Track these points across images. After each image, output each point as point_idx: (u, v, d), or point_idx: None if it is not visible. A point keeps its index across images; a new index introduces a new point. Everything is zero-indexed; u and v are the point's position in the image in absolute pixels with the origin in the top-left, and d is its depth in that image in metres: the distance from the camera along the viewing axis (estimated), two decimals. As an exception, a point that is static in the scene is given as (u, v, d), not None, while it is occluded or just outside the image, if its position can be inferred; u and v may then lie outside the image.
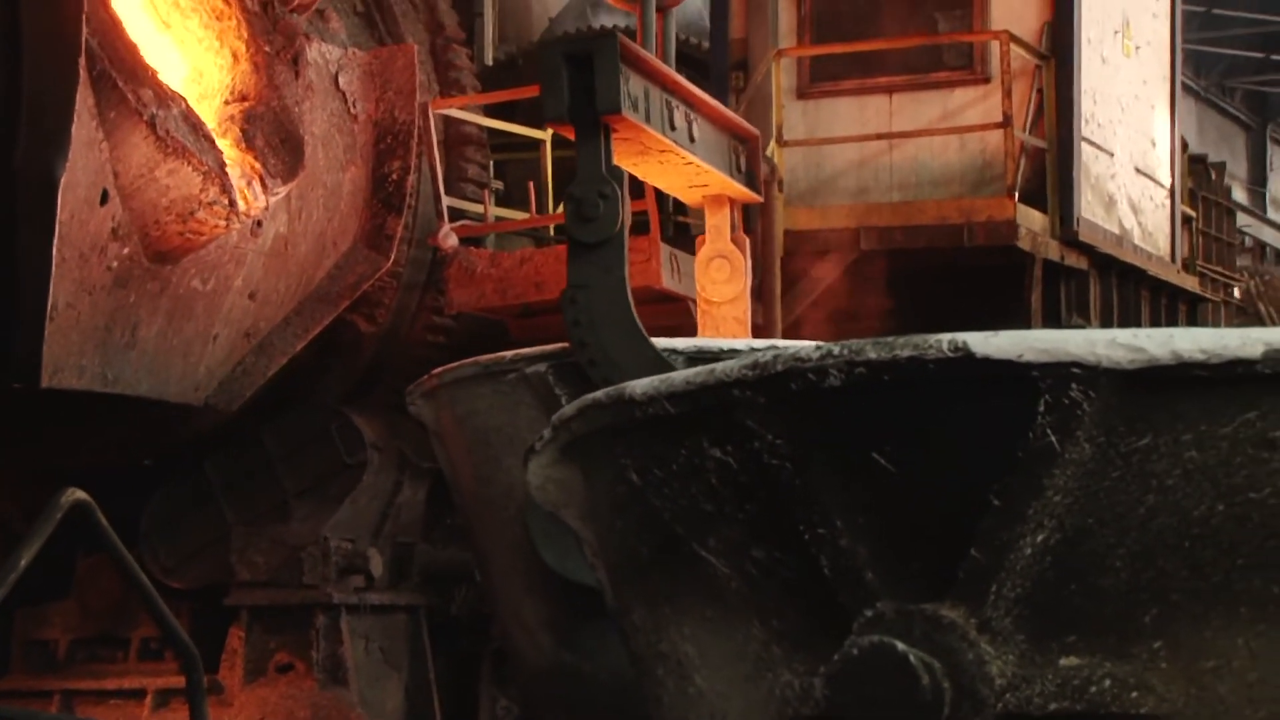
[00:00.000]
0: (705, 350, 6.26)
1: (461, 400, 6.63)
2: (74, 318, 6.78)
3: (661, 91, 6.71)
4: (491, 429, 6.52)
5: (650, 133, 6.54)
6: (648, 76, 6.55)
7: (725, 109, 7.55)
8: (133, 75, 6.89)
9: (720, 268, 7.46)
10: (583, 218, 6.16)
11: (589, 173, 6.17)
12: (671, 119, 6.76)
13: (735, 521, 3.12)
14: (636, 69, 6.45)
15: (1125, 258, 11.45)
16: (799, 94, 10.85)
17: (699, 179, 7.23)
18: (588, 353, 6.18)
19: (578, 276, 6.22)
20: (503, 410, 6.45)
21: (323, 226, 8.27)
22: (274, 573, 8.51)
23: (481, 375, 6.55)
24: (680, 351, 6.21)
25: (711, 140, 7.25)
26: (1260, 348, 2.73)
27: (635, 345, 6.17)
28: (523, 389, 6.34)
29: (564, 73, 6.15)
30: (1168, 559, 2.81)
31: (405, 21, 9.40)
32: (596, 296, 6.17)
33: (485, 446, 6.57)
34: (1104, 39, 11.12)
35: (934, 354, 2.84)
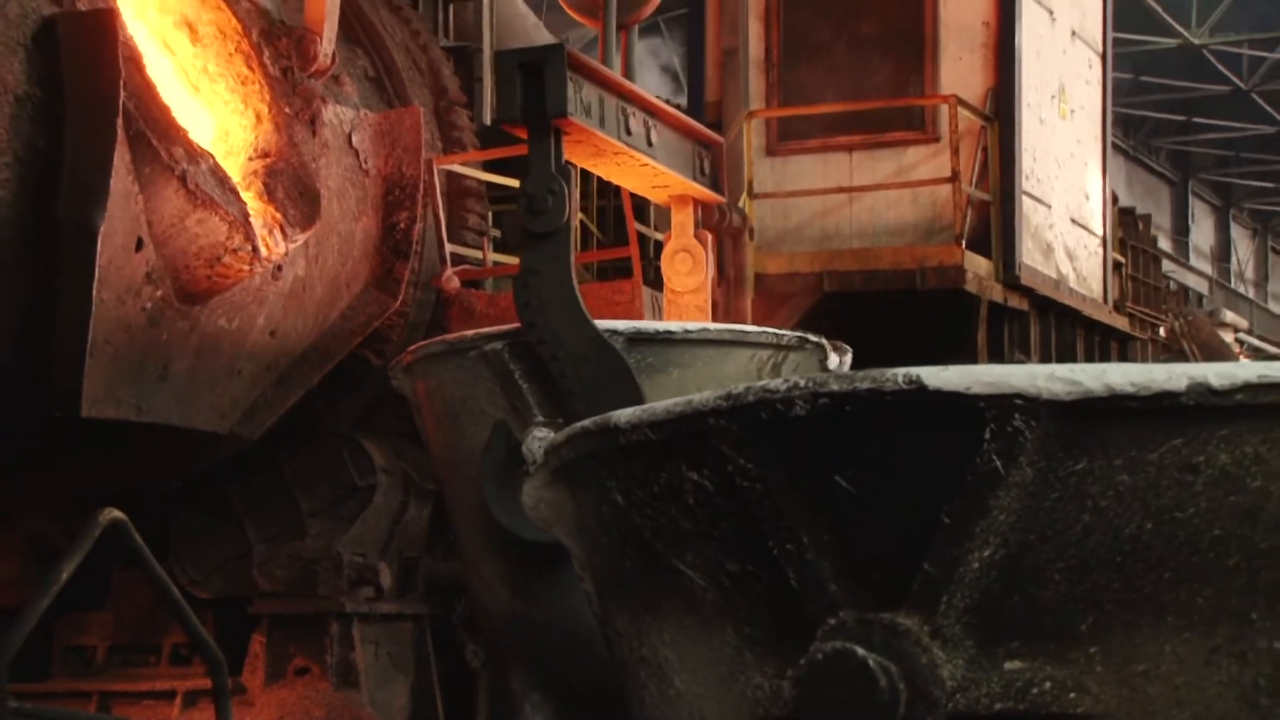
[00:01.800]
0: (642, 331, 6.32)
1: (431, 374, 6.67)
2: (111, 353, 6.76)
3: (617, 99, 6.74)
4: (456, 400, 6.55)
5: (602, 136, 6.58)
6: (601, 85, 6.59)
7: (688, 119, 7.58)
8: (165, 134, 6.89)
9: (684, 260, 7.52)
10: (534, 211, 6.25)
11: (540, 171, 6.24)
12: (627, 125, 6.80)
13: (710, 538, 3.12)
14: (589, 78, 6.50)
15: (1062, 300, 11.47)
16: (768, 151, 10.88)
17: (659, 180, 7.27)
18: (536, 331, 6.24)
19: (529, 263, 6.29)
20: (465, 383, 6.48)
21: (337, 271, 8.26)
22: (292, 585, 8.48)
23: (447, 352, 6.60)
24: (620, 332, 6.26)
25: (672, 145, 7.28)
26: (1185, 381, 2.74)
27: (578, 325, 6.22)
28: (482, 365, 6.39)
29: (518, 79, 6.22)
30: (1102, 572, 2.80)
31: (412, 86, 9.41)
32: (545, 281, 6.23)
33: (451, 416, 6.60)
34: (1042, 103, 11.16)
35: (890, 386, 2.84)
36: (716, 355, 6.43)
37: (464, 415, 6.50)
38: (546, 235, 6.25)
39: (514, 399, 6.30)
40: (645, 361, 6.23)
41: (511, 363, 6.30)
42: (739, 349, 6.50)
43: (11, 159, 6.39)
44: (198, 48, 7.82)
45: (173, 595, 5.97)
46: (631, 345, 6.22)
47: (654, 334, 6.33)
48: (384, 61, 9.33)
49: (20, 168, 6.43)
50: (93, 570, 6.37)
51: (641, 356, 6.23)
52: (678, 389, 6.30)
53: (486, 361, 6.37)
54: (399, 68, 9.37)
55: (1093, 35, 12.19)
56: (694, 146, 7.52)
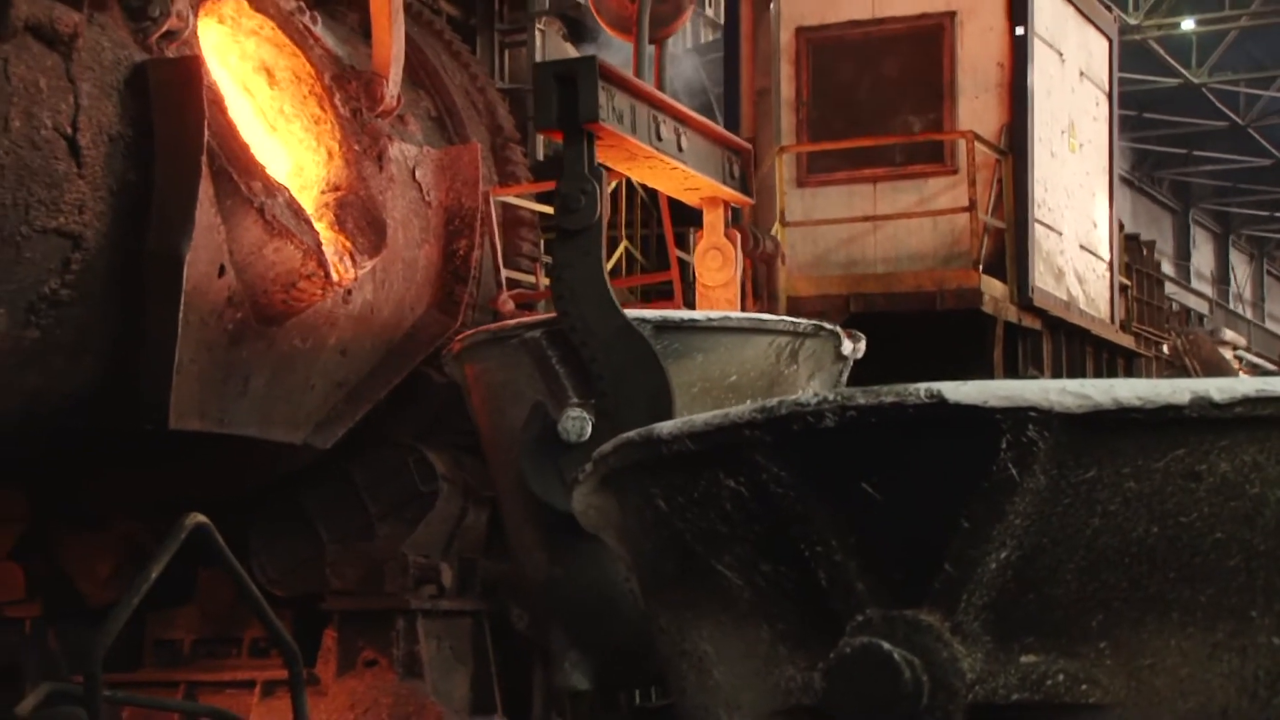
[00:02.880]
0: (669, 319, 6.34)
1: (477, 360, 6.70)
2: (196, 371, 6.79)
3: (648, 107, 6.75)
4: (498, 383, 6.58)
5: (634, 141, 6.59)
6: (633, 94, 6.61)
7: (719, 127, 7.59)
8: (245, 170, 6.93)
9: (715, 257, 7.54)
10: (567, 209, 6.27)
11: (573, 172, 6.26)
12: (658, 131, 6.82)
13: (746, 541, 3.11)
14: (621, 88, 6.51)
15: (1072, 320, 11.42)
16: (798, 183, 10.87)
17: (690, 182, 7.28)
18: (569, 320, 6.26)
19: (563, 257, 6.31)
20: (507, 368, 6.52)
21: (402, 294, 8.28)
22: (361, 583, 8.49)
23: (491, 340, 6.63)
24: (648, 320, 6.27)
25: (702, 150, 7.28)
26: (1187, 395, 2.72)
27: (608, 313, 6.24)
28: (521, 351, 6.41)
29: (554, 89, 6.24)
30: (1110, 572, 2.78)
31: (470, 125, 9.43)
32: (577, 274, 6.25)
33: (494, 399, 6.63)
34: (1053, 138, 11.12)
35: (913, 400, 2.82)
36: (737, 342, 6.44)
37: (505, 397, 6.53)
38: (579, 232, 6.28)
39: (551, 382, 6.32)
40: (671, 347, 6.25)
41: (548, 349, 6.33)
42: (759, 336, 6.51)
43: (106, 193, 6.44)
44: (275, 90, 7.86)
45: (252, 593, 5.98)
46: (659, 332, 6.24)
47: (679, 322, 6.36)
48: (445, 103, 9.35)
49: (114, 201, 6.47)
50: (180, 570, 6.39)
51: (668, 343, 6.25)
52: (701, 373, 6.32)
53: (526, 348, 6.40)
54: (459, 108, 9.39)
55: (1100, 75, 12.14)
56: (723, 152, 7.53)
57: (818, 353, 6.72)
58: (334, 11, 8.89)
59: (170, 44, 6.79)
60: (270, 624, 6.02)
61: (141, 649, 8.78)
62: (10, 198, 6.04)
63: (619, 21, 7.79)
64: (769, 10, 10.70)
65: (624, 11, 7.77)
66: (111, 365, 6.69)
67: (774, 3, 10.75)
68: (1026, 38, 10.60)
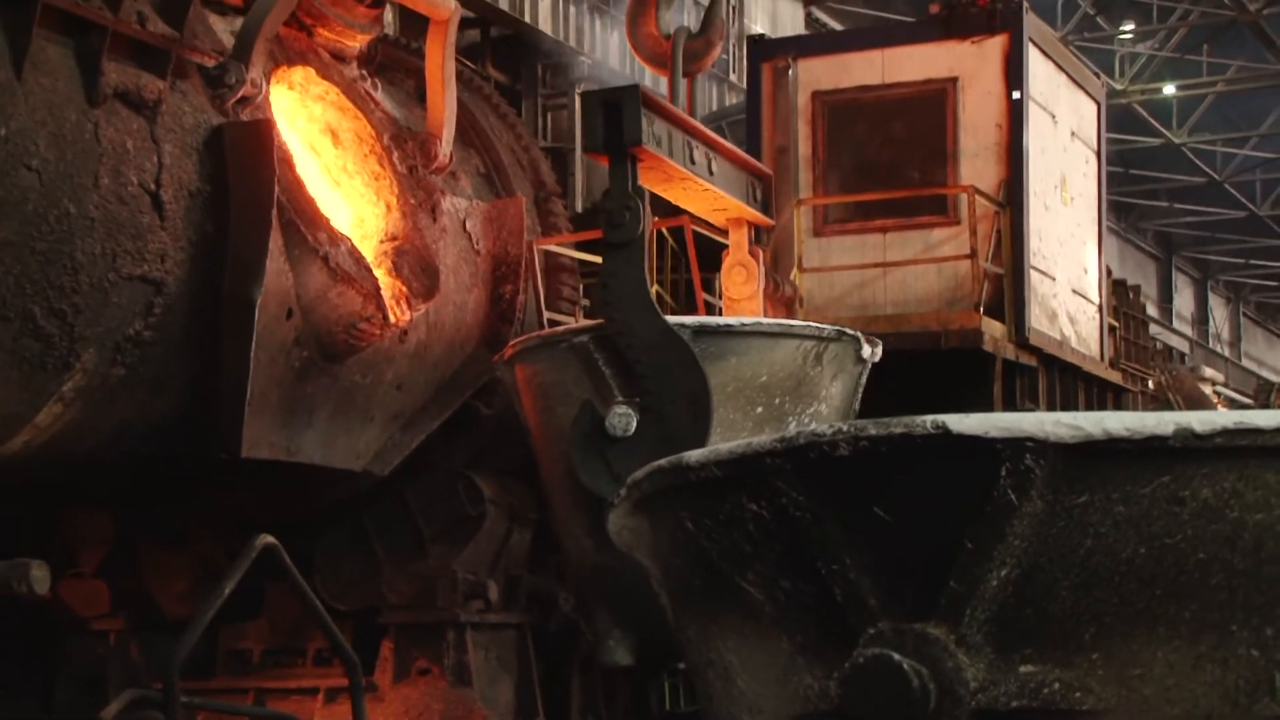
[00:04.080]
0: (706, 325, 6.38)
1: (528, 364, 6.72)
2: (266, 404, 6.81)
3: (683, 134, 6.78)
4: (548, 384, 6.59)
5: (671, 163, 6.62)
6: (670, 121, 6.63)
7: (743, 153, 7.60)
8: (312, 222, 6.96)
9: (739, 273, 7.58)
10: (613, 225, 6.31)
11: (618, 191, 6.31)
12: (691, 155, 6.85)
13: (767, 559, 3.10)
14: (660, 115, 6.54)
15: (1065, 358, 11.37)
16: (815, 233, 10.85)
17: (719, 204, 7.30)
18: (615, 325, 6.28)
19: (609, 268, 6.35)
20: (556, 370, 6.54)
21: (453, 334, 8.30)
22: (415, 598, 8.48)
23: (542, 345, 6.66)
24: (687, 325, 6.29)
25: (730, 174, 7.31)
26: (1171, 427, 2.71)
27: (650, 319, 6.26)
28: (570, 354, 6.44)
29: (600, 115, 6.27)
30: (1102, 589, 2.77)
31: (516, 180, 9.46)
32: (622, 283, 6.28)
33: (544, 399, 6.64)
34: (1047, 192, 11.09)
35: (920, 431, 2.82)
36: (768, 345, 6.45)
37: (555, 396, 6.55)
38: (624, 245, 6.31)
39: (598, 382, 6.34)
40: (708, 350, 6.27)
41: (595, 352, 6.35)
42: (787, 340, 6.53)
43: (185, 243, 6.47)
44: (339, 150, 7.90)
45: (316, 607, 5.99)
46: (697, 336, 6.27)
47: (715, 327, 6.40)
48: (493, 160, 9.39)
49: (192, 250, 6.51)
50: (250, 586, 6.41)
51: (705, 346, 6.27)
52: (734, 374, 6.34)
53: (574, 351, 6.42)
54: (505, 165, 9.42)
55: (1089, 135, 12.11)
56: (748, 177, 7.56)
57: (840, 355, 6.73)
58: (392, 78, 8.94)
59: (245, 108, 6.84)
60: (332, 635, 6.02)
61: (215, 659, 8.78)
62: (99, 248, 6.08)
63: (655, 57, 7.82)
64: (787, 76, 10.73)
65: (659, 48, 7.80)
66: (190, 399, 6.71)
67: (792, 69, 10.77)
68: (1022, 101, 10.58)
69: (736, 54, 17.12)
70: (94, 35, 6.04)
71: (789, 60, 10.83)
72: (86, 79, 6.01)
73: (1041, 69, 11.03)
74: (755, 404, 6.40)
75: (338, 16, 7.81)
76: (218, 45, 6.92)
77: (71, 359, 6.12)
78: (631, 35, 7.93)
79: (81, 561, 8.48)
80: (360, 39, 8.09)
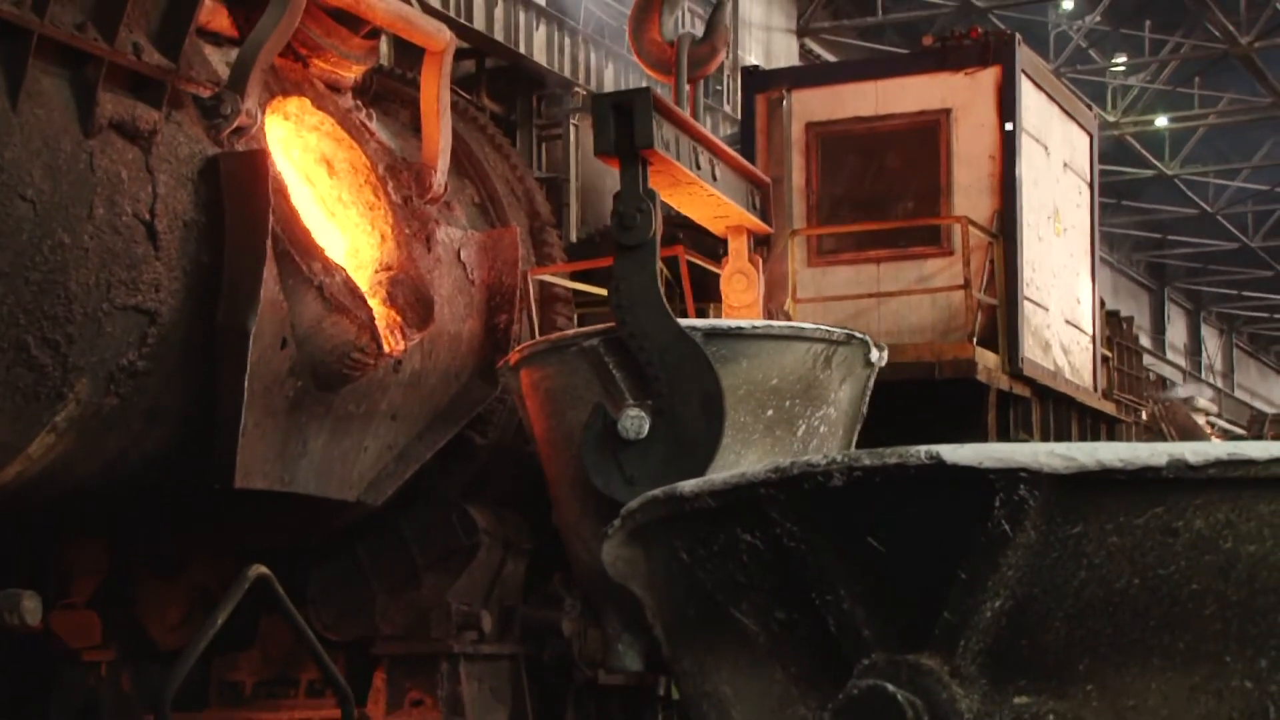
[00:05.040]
0: (717, 327, 6.36)
1: (536, 369, 6.70)
2: (260, 434, 6.80)
3: (689, 139, 6.78)
4: (557, 389, 6.56)
5: (679, 167, 6.62)
6: (677, 126, 6.63)
7: (744, 160, 7.61)
8: (306, 252, 6.96)
9: (740, 280, 7.58)
10: (625, 227, 6.29)
11: (630, 193, 6.29)
12: (697, 160, 6.86)
13: (761, 590, 3.10)
14: (668, 119, 6.54)
15: (1059, 388, 11.38)
16: (809, 263, 10.87)
17: (720, 210, 7.30)
18: (627, 327, 6.26)
19: (621, 270, 6.33)
20: (566, 374, 6.52)
21: (447, 364, 8.30)
22: (409, 629, 8.47)
23: (551, 349, 6.64)
24: (698, 328, 6.28)
25: (732, 181, 7.32)
26: (1165, 458, 2.71)
27: (662, 320, 6.25)
28: (580, 358, 6.42)
29: (611, 118, 6.26)
30: (1096, 620, 2.77)
31: (510, 210, 9.48)
32: (634, 285, 6.25)
33: (553, 403, 6.61)
34: (1040, 222, 11.12)
35: (914, 461, 2.82)
36: (778, 348, 6.45)
37: (564, 401, 6.53)
38: (636, 247, 6.30)
39: (608, 386, 6.32)
40: (719, 353, 6.26)
41: (606, 355, 6.34)
42: (797, 343, 6.52)
43: (180, 273, 6.47)
44: (334, 180, 7.91)
45: (309, 638, 5.97)
46: (708, 339, 6.27)
47: (727, 330, 6.39)
48: (487, 190, 9.40)
49: (187, 280, 6.51)
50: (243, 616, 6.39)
51: (716, 349, 6.26)
52: (746, 376, 6.33)
53: (584, 355, 6.41)
54: (500, 195, 9.44)
55: (1082, 167, 12.15)
56: (749, 185, 7.57)
57: (849, 359, 6.73)
58: (388, 109, 8.96)
59: (240, 138, 6.85)
60: (325, 667, 6.00)
61: (207, 689, 8.75)
62: (94, 278, 6.08)
63: (659, 63, 7.83)
64: (781, 107, 10.76)
65: (663, 54, 7.81)
66: (184, 429, 6.70)
67: (786, 100, 10.80)
68: (1015, 133, 10.62)
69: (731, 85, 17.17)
70: (89, 66, 6.05)
71: (783, 91, 10.87)
72: (81, 110, 6.02)
73: (1034, 101, 11.07)
74: (766, 407, 6.40)
75: (333, 47, 7.83)
76: (213, 76, 6.94)
77: (65, 389, 6.11)
78: (635, 41, 7.94)
79: (74, 591, 8.45)
80: (356, 70, 8.11)
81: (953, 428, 9.47)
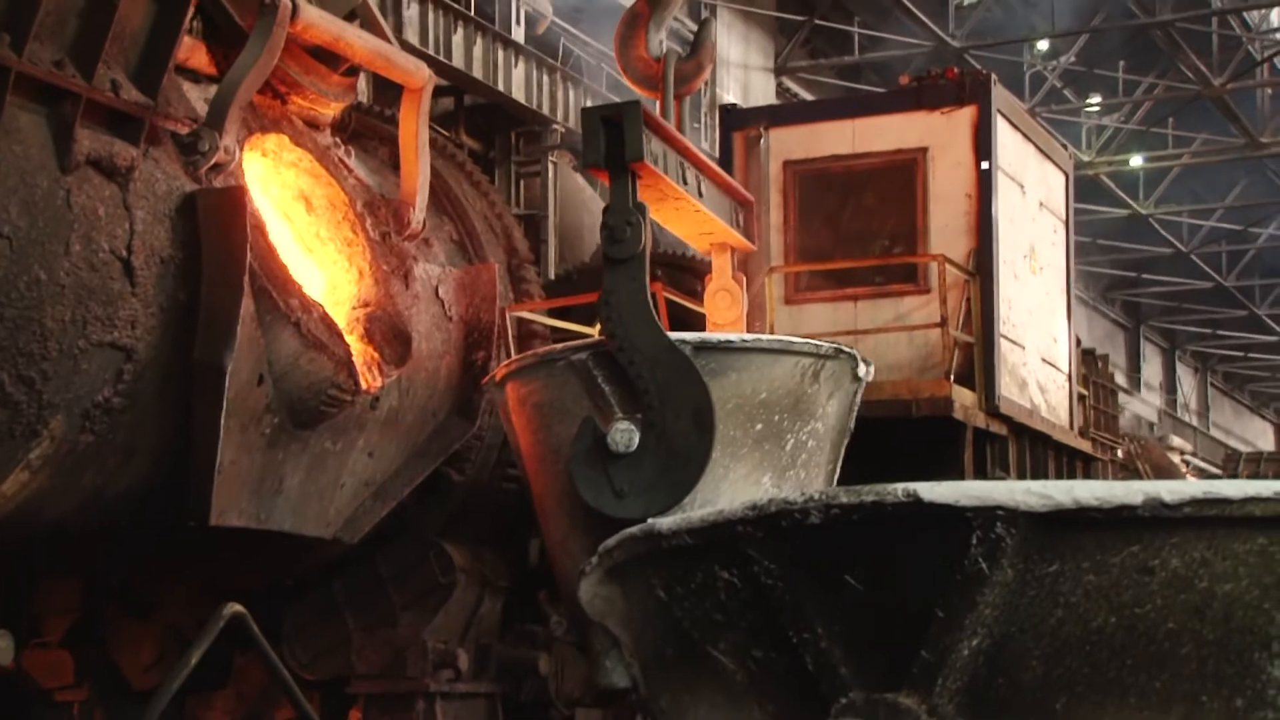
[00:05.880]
0: (707, 341, 6.36)
1: (524, 383, 6.68)
2: (236, 472, 6.78)
3: (676, 154, 6.78)
4: (545, 403, 6.54)
5: (668, 181, 6.62)
6: (665, 141, 6.63)
7: (728, 177, 7.62)
8: (284, 288, 6.95)
9: (724, 298, 7.59)
10: (614, 240, 6.28)
11: (619, 206, 6.28)
12: (684, 175, 6.86)
13: (739, 628, 3.09)
14: (656, 134, 6.54)
15: (1035, 426, 11.40)
16: (786, 300, 10.89)
17: (705, 227, 7.30)
18: (617, 340, 6.24)
19: (610, 283, 6.31)
20: (554, 388, 6.49)
21: (425, 400, 8.29)
22: (385, 667, 8.42)
23: (539, 364, 6.61)
24: (688, 341, 6.27)
25: (717, 197, 7.33)
26: (1140, 496, 2.72)
27: (652, 334, 6.23)
28: (569, 372, 6.40)
29: (601, 130, 6.25)
30: (1073, 659, 2.76)
31: (489, 247, 9.48)
32: (624, 298, 6.24)
33: (540, 417, 6.58)
34: (1016, 261, 11.16)
35: (891, 499, 2.82)
36: (767, 362, 6.44)
37: (552, 415, 6.51)
38: (625, 260, 6.28)
39: (597, 399, 6.30)
40: (709, 367, 6.25)
41: (595, 369, 6.32)
42: (786, 357, 6.51)
43: (157, 310, 6.46)
44: (312, 216, 7.91)
45: (284, 677, 5.94)
46: (698, 352, 6.26)
47: (716, 343, 6.38)
48: (466, 227, 9.41)
49: (164, 316, 6.49)
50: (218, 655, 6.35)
51: (705, 362, 6.25)
52: (735, 390, 6.32)
53: (573, 369, 6.39)
54: (478, 232, 9.45)
55: (1057, 206, 12.20)
56: (732, 203, 7.58)
57: (837, 373, 6.73)
58: (366, 146, 8.97)
59: (218, 175, 6.84)
60: (300, 706, 5.96)
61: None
62: (69, 314, 6.06)
63: (645, 79, 7.85)
64: (759, 145, 10.80)
65: (650, 70, 7.83)
66: (159, 466, 6.67)
67: (764, 138, 10.85)
68: (991, 172, 10.66)
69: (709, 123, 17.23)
70: (67, 103, 6.05)
71: (760, 129, 10.91)
72: (59, 146, 6.01)
73: (1010, 140, 11.13)
74: (755, 420, 6.40)
75: (311, 84, 7.84)
76: (191, 112, 6.94)
77: (39, 426, 6.08)
78: (621, 57, 7.95)
79: (46, 631, 8.39)
80: (334, 107, 8.12)
81: (929, 465, 9.48)
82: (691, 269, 11.28)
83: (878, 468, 6.15)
